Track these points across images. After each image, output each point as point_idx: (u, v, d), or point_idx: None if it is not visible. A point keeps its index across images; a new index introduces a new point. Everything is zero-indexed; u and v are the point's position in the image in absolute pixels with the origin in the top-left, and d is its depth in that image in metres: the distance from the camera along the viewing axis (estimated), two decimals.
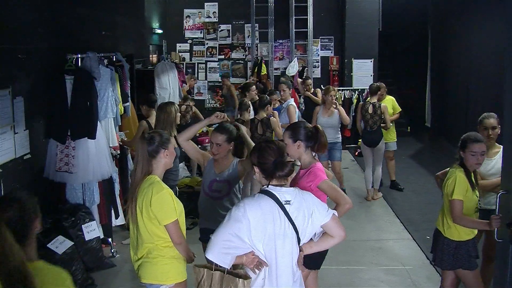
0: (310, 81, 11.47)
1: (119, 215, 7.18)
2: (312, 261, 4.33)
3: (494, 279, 4.15)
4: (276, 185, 3.54)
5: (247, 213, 3.41)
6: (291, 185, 3.84)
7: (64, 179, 6.40)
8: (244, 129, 5.31)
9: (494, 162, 5.33)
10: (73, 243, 5.98)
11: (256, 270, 3.50)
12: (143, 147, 4.09)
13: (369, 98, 9.44)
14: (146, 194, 4.00)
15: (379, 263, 6.67)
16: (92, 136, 6.34)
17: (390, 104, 9.58)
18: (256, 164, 3.61)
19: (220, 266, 3.50)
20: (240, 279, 3.49)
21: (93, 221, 6.46)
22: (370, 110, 9.16)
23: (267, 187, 3.55)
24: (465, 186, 4.60)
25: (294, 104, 9.24)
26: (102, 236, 6.79)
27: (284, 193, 3.51)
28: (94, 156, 6.45)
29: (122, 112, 7.63)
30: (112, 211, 7.12)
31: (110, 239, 7.00)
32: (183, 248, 4.10)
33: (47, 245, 5.70)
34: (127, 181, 7.48)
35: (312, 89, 11.30)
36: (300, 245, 3.57)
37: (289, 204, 3.49)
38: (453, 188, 4.57)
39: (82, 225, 6.30)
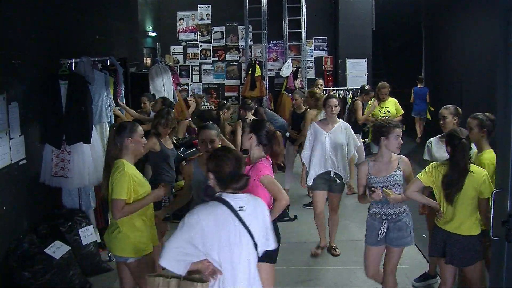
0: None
1: None
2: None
3: (490, 277, 4.17)
4: (229, 192, 3.54)
5: (201, 220, 3.41)
6: None
7: (60, 184, 6.41)
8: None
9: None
10: (70, 248, 5.97)
11: (211, 278, 3.50)
12: (111, 134, 4.70)
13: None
14: (112, 175, 4.48)
15: None
16: (87, 140, 6.34)
17: (393, 105, 9.57)
18: (212, 171, 3.61)
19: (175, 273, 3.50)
20: (199, 283, 3.48)
21: (89, 226, 6.47)
22: (350, 107, 9.82)
23: (220, 194, 3.55)
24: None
25: None
26: (99, 240, 6.78)
27: (237, 199, 3.52)
28: (89, 160, 6.46)
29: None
30: (109, 215, 7.12)
31: None
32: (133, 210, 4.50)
33: (44, 250, 5.70)
34: None
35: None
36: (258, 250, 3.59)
37: (243, 210, 3.50)
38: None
39: (79, 230, 6.30)
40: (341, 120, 7.09)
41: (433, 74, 15.34)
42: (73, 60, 6.68)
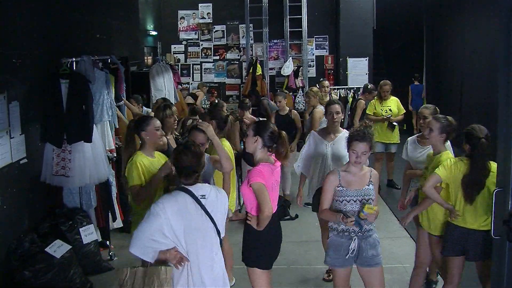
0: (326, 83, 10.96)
1: (116, 218, 7.17)
2: (249, 258, 4.67)
3: (492, 276, 4.16)
4: (191, 183, 3.88)
5: (165, 208, 3.72)
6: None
7: (61, 183, 6.40)
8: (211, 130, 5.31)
9: (425, 151, 5.70)
10: (71, 246, 5.97)
11: (179, 266, 3.79)
12: (128, 129, 4.99)
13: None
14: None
15: None
16: (88, 139, 6.34)
17: (394, 104, 9.55)
18: (172, 164, 4.07)
19: (144, 263, 3.83)
20: (162, 267, 3.78)
21: (90, 225, 6.46)
22: (353, 106, 9.91)
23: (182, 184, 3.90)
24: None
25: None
26: (99, 240, 6.79)
27: (199, 188, 3.88)
28: (90, 159, 6.45)
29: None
30: (110, 214, 7.12)
31: (108, 242, 7.00)
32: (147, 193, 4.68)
33: (45, 250, 5.70)
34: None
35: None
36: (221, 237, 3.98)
37: (205, 198, 3.85)
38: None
39: (80, 229, 6.30)
40: (344, 130, 6.19)
41: (434, 73, 15.31)
42: (74, 59, 6.67)
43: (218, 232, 3.94)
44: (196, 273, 3.83)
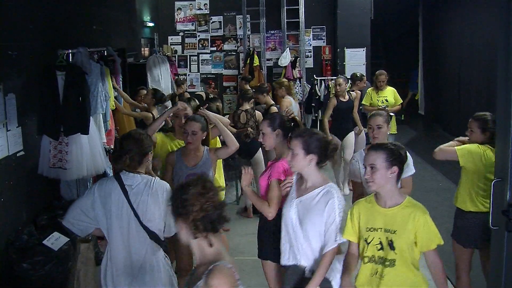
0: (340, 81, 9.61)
1: None
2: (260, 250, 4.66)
3: (491, 266, 4.17)
4: (126, 171, 4.02)
5: (95, 190, 4.00)
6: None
7: (58, 176, 6.38)
8: (212, 116, 5.44)
9: None
10: (69, 239, 5.97)
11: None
12: None
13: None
14: None
15: None
16: (85, 131, 6.32)
17: (391, 95, 9.51)
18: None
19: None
20: (83, 244, 4.34)
21: None
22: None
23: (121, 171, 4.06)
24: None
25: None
26: None
27: (129, 178, 4.00)
28: (87, 151, 6.43)
29: (114, 108, 7.60)
30: None
31: None
32: None
33: (43, 242, 5.69)
34: None
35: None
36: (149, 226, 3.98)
37: (131, 188, 3.96)
38: None
39: None
40: (328, 184, 3.91)
41: (431, 62, 15.30)
42: (70, 51, 6.64)
43: (141, 223, 3.97)
44: (114, 258, 4.01)
